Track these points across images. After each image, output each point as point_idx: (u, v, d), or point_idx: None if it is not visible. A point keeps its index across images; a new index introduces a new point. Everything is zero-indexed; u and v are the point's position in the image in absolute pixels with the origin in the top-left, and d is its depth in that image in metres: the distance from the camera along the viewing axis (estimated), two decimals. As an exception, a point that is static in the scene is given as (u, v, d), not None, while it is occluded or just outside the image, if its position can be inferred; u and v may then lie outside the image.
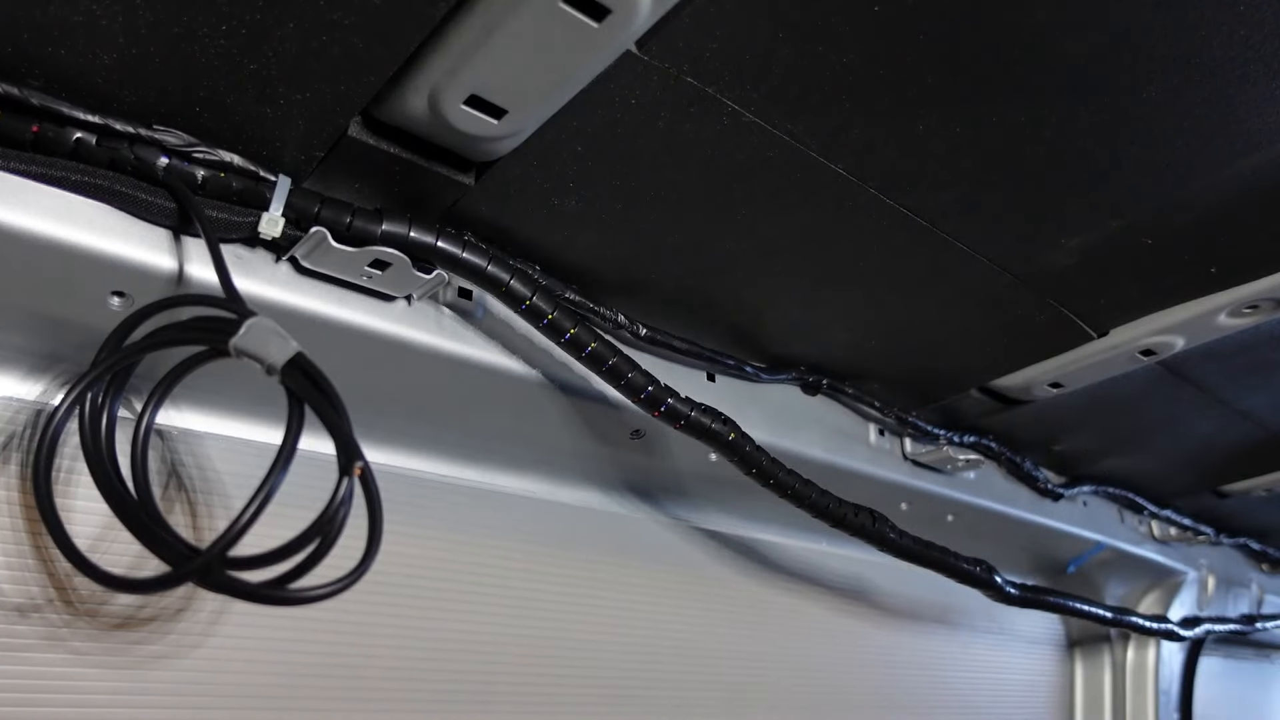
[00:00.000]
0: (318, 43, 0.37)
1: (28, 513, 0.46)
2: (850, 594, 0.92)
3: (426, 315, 0.52)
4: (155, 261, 0.42)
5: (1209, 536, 1.17)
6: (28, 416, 0.48)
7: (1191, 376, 0.72)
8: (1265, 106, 0.43)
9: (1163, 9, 0.37)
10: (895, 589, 0.96)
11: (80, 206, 0.41)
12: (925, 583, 0.96)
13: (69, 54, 0.36)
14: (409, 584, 0.61)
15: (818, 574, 0.90)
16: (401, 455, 0.64)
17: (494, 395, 0.58)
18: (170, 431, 0.52)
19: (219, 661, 0.52)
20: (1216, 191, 0.49)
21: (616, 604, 0.72)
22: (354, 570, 0.37)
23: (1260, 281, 0.57)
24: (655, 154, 0.45)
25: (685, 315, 0.62)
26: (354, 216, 0.45)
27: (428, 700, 0.60)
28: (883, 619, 0.95)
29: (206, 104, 0.40)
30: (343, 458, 0.37)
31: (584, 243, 0.53)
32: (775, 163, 0.46)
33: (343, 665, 0.57)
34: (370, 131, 0.43)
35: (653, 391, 0.55)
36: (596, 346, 0.53)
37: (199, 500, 0.52)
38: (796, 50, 0.39)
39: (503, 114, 0.41)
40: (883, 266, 0.57)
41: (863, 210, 0.50)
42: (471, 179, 0.46)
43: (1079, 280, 0.58)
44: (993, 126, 0.44)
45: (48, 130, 0.39)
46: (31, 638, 0.46)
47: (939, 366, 0.71)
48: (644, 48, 0.38)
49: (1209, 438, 0.86)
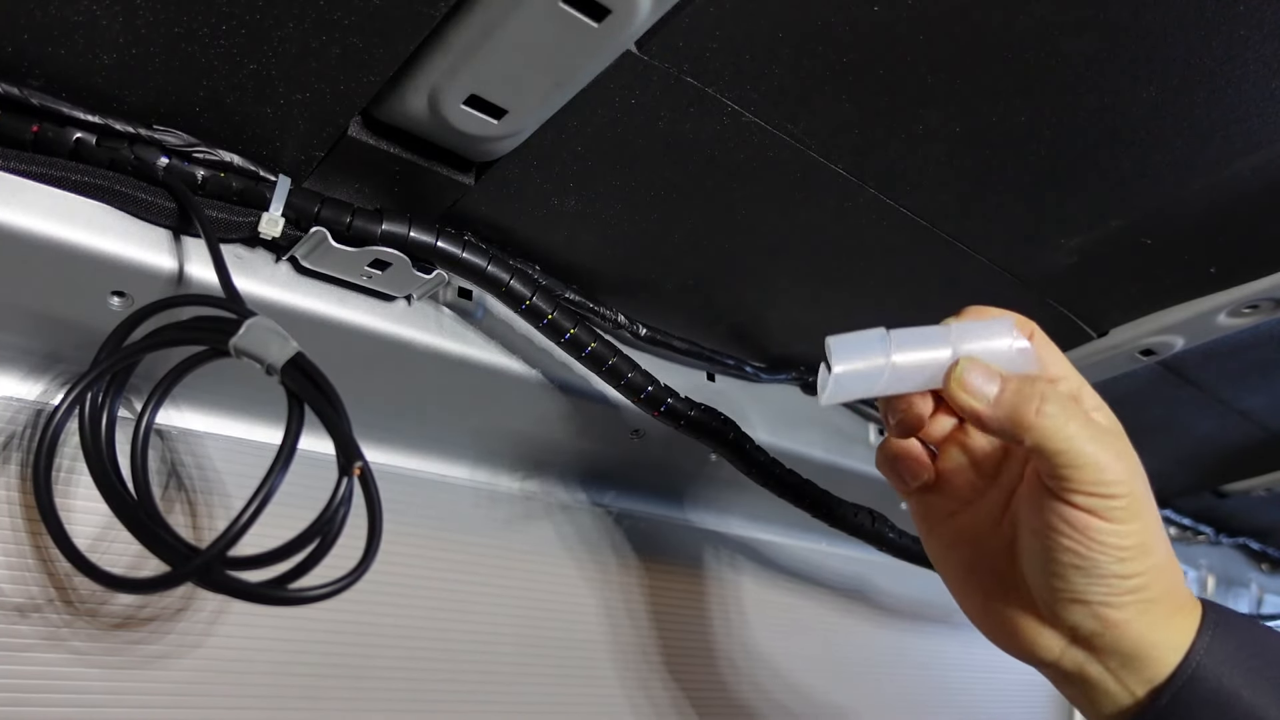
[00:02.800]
0: (317, 43, 0.37)
1: (27, 513, 0.46)
2: (850, 594, 0.92)
3: (426, 315, 0.52)
4: (155, 261, 0.42)
5: (1208, 536, 1.17)
6: (28, 416, 0.48)
7: (1191, 376, 0.72)
8: (1265, 106, 0.43)
9: (1163, 9, 0.37)
10: (895, 589, 0.96)
11: (80, 206, 0.41)
12: (925, 583, 0.96)
13: (69, 54, 0.36)
14: (407, 583, 0.61)
15: (818, 574, 0.90)
16: (401, 455, 0.64)
17: (494, 395, 0.58)
18: (170, 431, 0.52)
19: (219, 661, 0.52)
20: (1216, 191, 0.49)
21: (617, 604, 0.72)
22: (353, 570, 0.37)
23: (1260, 281, 0.57)
24: (655, 154, 0.45)
25: (685, 315, 0.62)
26: (354, 216, 0.45)
27: (428, 702, 0.60)
28: (883, 619, 0.95)
29: (206, 104, 0.40)
30: (342, 458, 0.37)
31: (584, 243, 0.52)
32: (775, 163, 0.46)
33: (343, 666, 0.57)
34: (370, 131, 0.43)
35: (652, 391, 0.56)
36: (596, 346, 0.53)
37: (199, 500, 0.52)
38: (796, 50, 0.39)
39: (503, 114, 0.41)
40: (883, 266, 0.57)
41: (863, 210, 0.50)
42: (471, 179, 0.46)
43: (1079, 280, 0.58)
44: (993, 126, 0.44)
45: (48, 130, 0.39)
46: (31, 637, 0.46)
47: (939, 366, 0.71)
48: (644, 48, 0.38)
49: (1209, 438, 0.86)
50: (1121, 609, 0.37)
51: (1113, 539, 0.36)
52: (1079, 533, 0.36)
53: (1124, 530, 0.36)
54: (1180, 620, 0.39)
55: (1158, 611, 0.38)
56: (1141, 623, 0.38)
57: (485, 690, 0.63)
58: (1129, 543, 0.36)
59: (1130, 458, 0.37)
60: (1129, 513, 0.36)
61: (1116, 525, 0.36)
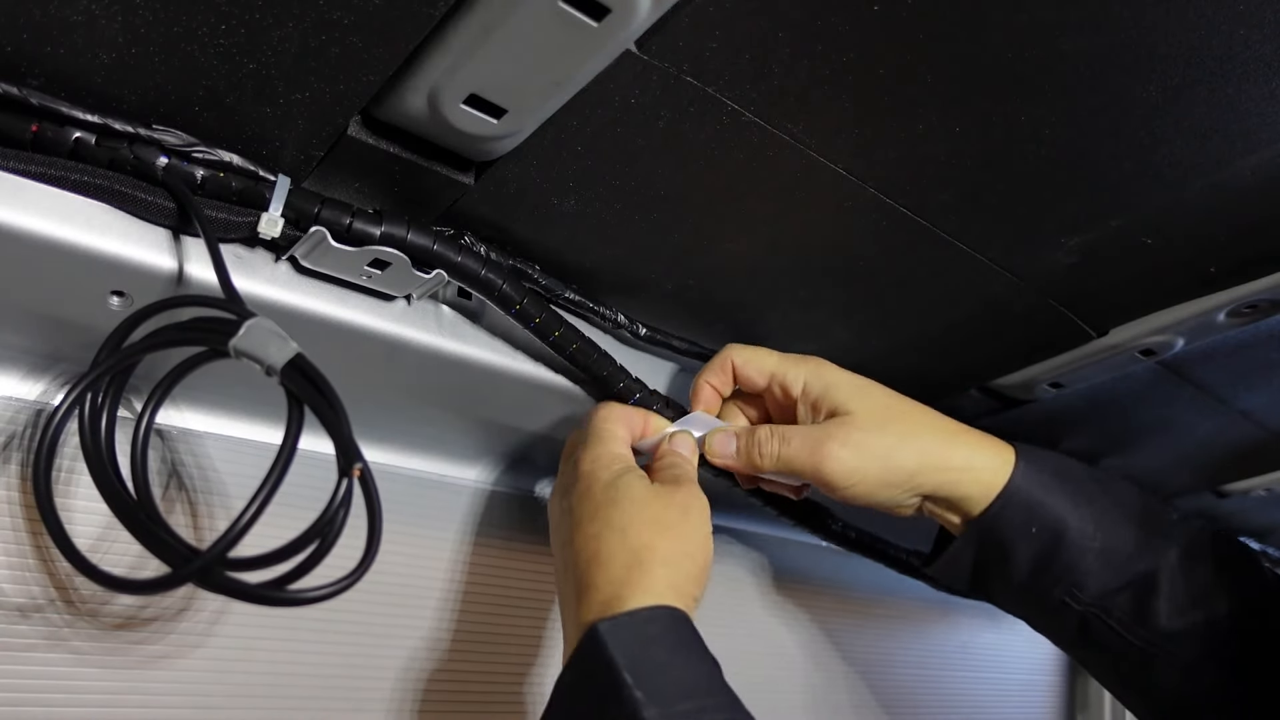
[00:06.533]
0: (317, 42, 0.37)
1: (28, 513, 0.46)
2: (850, 593, 0.92)
3: (426, 315, 0.52)
4: (155, 261, 0.42)
5: (1209, 536, 1.17)
6: (28, 417, 0.48)
7: (1191, 376, 0.72)
8: (1265, 106, 0.42)
9: (1162, 9, 0.37)
10: (895, 588, 0.96)
11: (80, 206, 0.41)
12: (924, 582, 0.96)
13: (68, 53, 0.36)
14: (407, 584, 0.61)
15: (818, 572, 0.90)
16: (401, 455, 0.64)
17: (494, 395, 0.58)
18: (170, 432, 0.52)
19: (220, 662, 0.52)
20: (1216, 191, 0.49)
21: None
22: (353, 571, 0.37)
23: (1260, 281, 0.57)
24: (655, 154, 0.45)
25: (685, 315, 0.62)
26: (354, 216, 0.45)
27: (429, 702, 0.60)
28: (882, 619, 0.95)
29: (206, 103, 0.40)
30: (342, 459, 0.37)
31: (584, 242, 0.52)
32: (775, 163, 0.46)
33: (344, 666, 0.57)
34: (370, 131, 0.43)
35: (640, 399, 0.57)
36: (596, 358, 0.55)
37: (199, 501, 0.52)
38: (796, 50, 0.39)
39: (502, 113, 0.40)
40: (882, 266, 0.57)
41: (863, 210, 0.50)
42: (471, 179, 0.46)
43: (1079, 280, 0.58)
44: (993, 126, 0.44)
45: (47, 130, 0.39)
46: (32, 638, 0.46)
47: (939, 366, 0.71)
48: (644, 47, 0.38)
49: (1209, 438, 0.86)
50: (912, 504, 0.54)
51: (864, 498, 0.52)
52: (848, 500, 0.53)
53: (865, 486, 0.52)
54: (1000, 456, 0.54)
55: (968, 455, 0.53)
56: (953, 485, 0.53)
57: (486, 690, 0.63)
58: (878, 490, 0.52)
59: (834, 446, 0.52)
60: (860, 475, 0.51)
61: (854, 490, 0.52)
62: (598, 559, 0.46)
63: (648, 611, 0.43)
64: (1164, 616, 0.52)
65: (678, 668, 0.42)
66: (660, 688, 0.40)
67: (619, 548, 0.46)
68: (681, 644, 0.43)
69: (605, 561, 0.46)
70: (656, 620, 0.43)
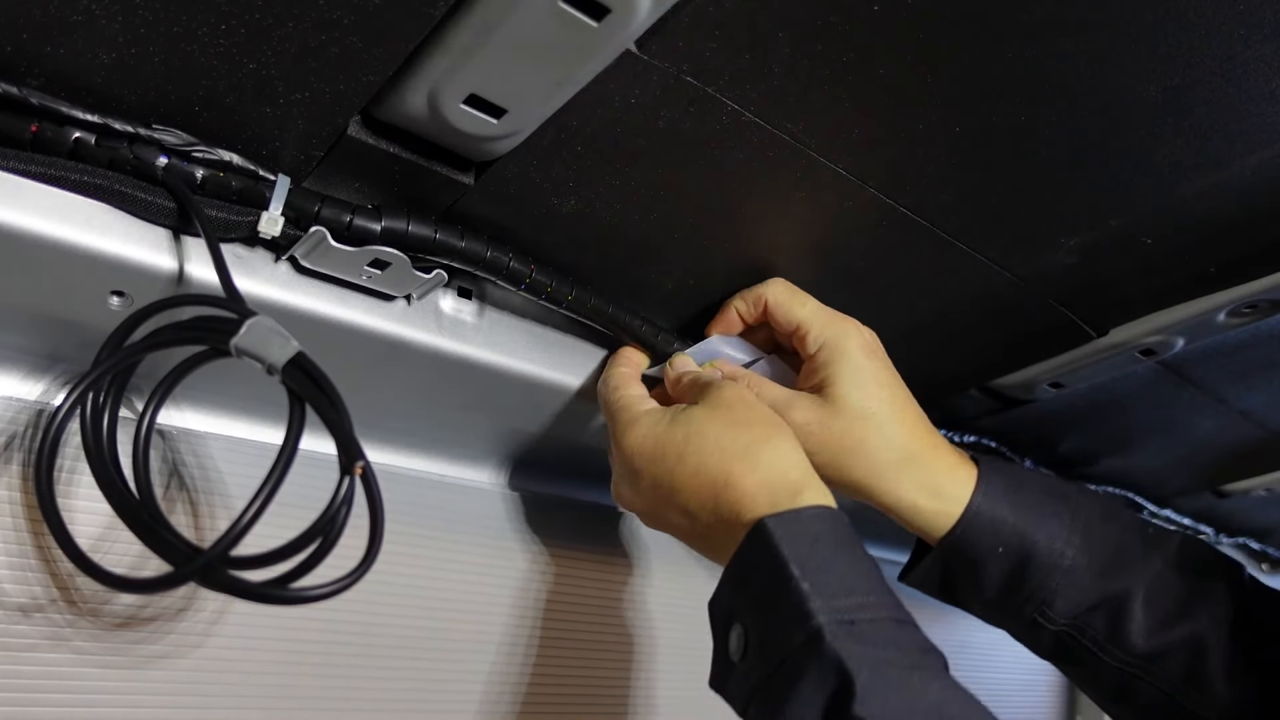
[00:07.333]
0: (317, 42, 0.37)
1: (30, 513, 0.46)
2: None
3: (426, 315, 0.52)
4: (155, 261, 0.42)
5: (1209, 536, 1.17)
6: (29, 417, 0.48)
7: (1191, 376, 0.72)
8: (1265, 106, 0.42)
9: (1163, 9, 0.37)
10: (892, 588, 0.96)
11: (80, 206, 0.41)
12: (925, 582, 0.96)
13: (68, 53, 0.36)
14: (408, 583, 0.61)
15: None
16: (403, 455, 0.64)
17: (494, 395, 0.58)
18: (171, 431, 0.52)
19: (221, 661, 0.52)
20: (1217, 191, 0.49)
21: (620, 603, 0.72)
22: (355, 570, 0.37)
23: (1260, 281, 0.57)
24: (655, 154, 0.45)
25: (685, 315, 0.62)
26: (354, 215, 0.45)
27: (429, 702, 0.60)
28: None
29: (206, 103, 0.40)
30: (344, 457, 0.37)
31: (584, 243, 0.52)
32: (775, 163, 0.46)
33: (344, 666, 0.57)
34: (370, 131, 0.43)
35: (663, 339, 0.59)
36: (596, 303, 0.56)
37: (200, 500, 0.52)
38: (796, 50, 0.39)
39: (502, 113, 0.40)
40: (883, 266, 0.57)
41: (863, 210, 0.50)
42: (471, 178, 0.46)
43: (1079, 280, 0.58)
44: (993, 126, 0.44)
45: (47, 130, 0.39)
46: (34, 637, 0.46)
47: (939, 366, 0.71)
48: (644, 47, 0.38)
49: (1209, 438, 0.86)
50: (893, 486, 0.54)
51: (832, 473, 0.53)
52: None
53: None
54: (961, 474, 0.53)
55: (925, 479, 0.53)
56: (907, 516, 0.53)
57: (486, 690, 0.63)
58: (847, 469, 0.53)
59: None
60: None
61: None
62: (728, 478, 0.46)
63: (814, 510, 0.43)
64: (1139, 637, 0.51)
65: (843, 563, 0.42)
66: (827, 582, 0.40)
67: (719, 468, 0.46)
68: (843, 542, 0.43)
69: (733, 480, 0.45)
70: (822, 518, 0.43)
